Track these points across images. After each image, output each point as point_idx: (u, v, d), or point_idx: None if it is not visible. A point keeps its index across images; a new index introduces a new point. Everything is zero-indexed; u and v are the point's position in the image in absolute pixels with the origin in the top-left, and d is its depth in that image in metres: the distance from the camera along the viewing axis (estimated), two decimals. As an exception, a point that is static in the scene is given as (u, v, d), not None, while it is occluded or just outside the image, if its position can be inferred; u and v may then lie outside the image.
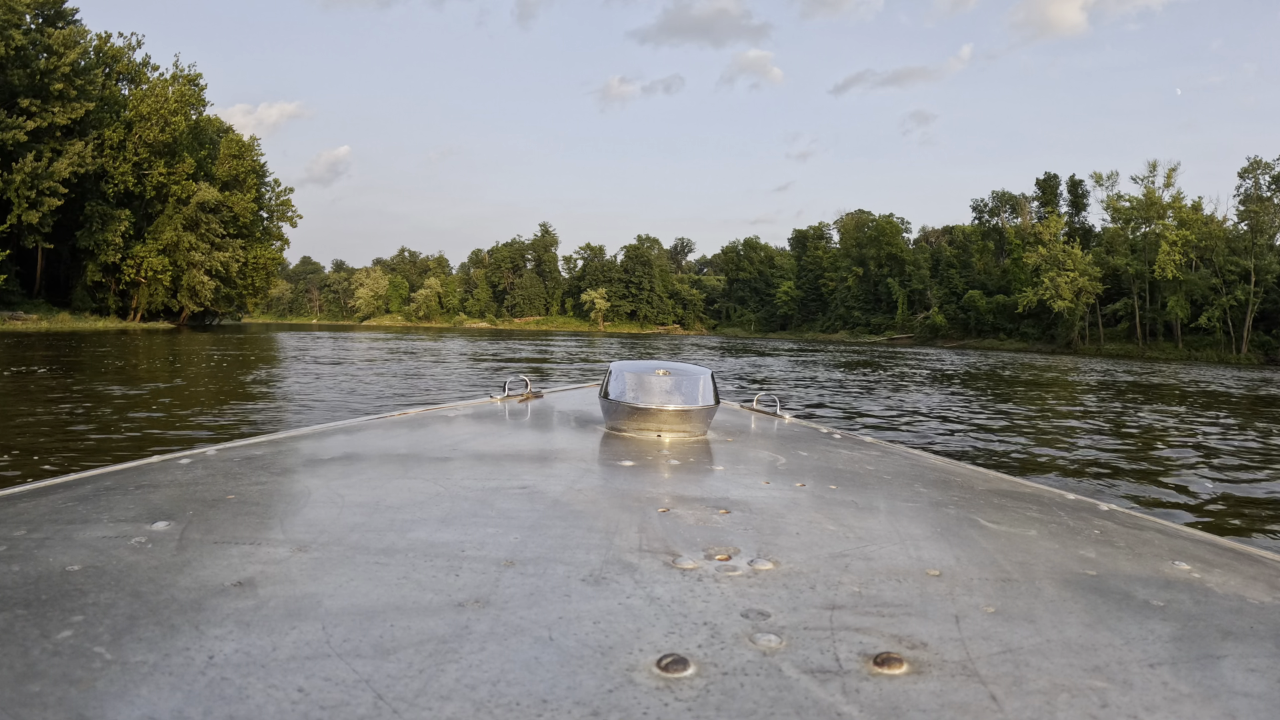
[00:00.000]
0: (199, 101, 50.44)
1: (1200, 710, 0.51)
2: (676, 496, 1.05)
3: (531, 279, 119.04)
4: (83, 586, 0.62)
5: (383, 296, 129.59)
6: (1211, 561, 0.88)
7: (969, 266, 77.53)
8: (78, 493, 0.93)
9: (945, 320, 74.24)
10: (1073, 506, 1.15)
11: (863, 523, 0.96)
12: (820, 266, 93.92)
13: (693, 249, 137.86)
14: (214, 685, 0.48)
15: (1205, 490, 4.75)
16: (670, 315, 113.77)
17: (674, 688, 0.51)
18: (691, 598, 0.67)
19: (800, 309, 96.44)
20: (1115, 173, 62.16)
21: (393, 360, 16.49)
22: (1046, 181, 75.11)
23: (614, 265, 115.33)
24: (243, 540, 0.76)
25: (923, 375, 17.23)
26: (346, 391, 9.17)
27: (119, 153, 44.81)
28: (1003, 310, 69.82)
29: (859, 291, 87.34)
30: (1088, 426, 8.19)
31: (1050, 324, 64.60)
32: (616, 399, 1.60)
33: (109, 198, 44.60)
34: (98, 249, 43.76)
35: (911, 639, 0.60)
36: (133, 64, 48.03)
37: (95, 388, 8.46)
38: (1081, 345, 60.62)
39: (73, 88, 41.58)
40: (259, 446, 1.30)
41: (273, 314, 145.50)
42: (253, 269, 53.61)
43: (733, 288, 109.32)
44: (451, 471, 1.14)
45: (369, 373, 12.52)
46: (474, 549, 0.77)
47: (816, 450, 1.56)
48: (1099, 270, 60.00)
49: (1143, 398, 12.91)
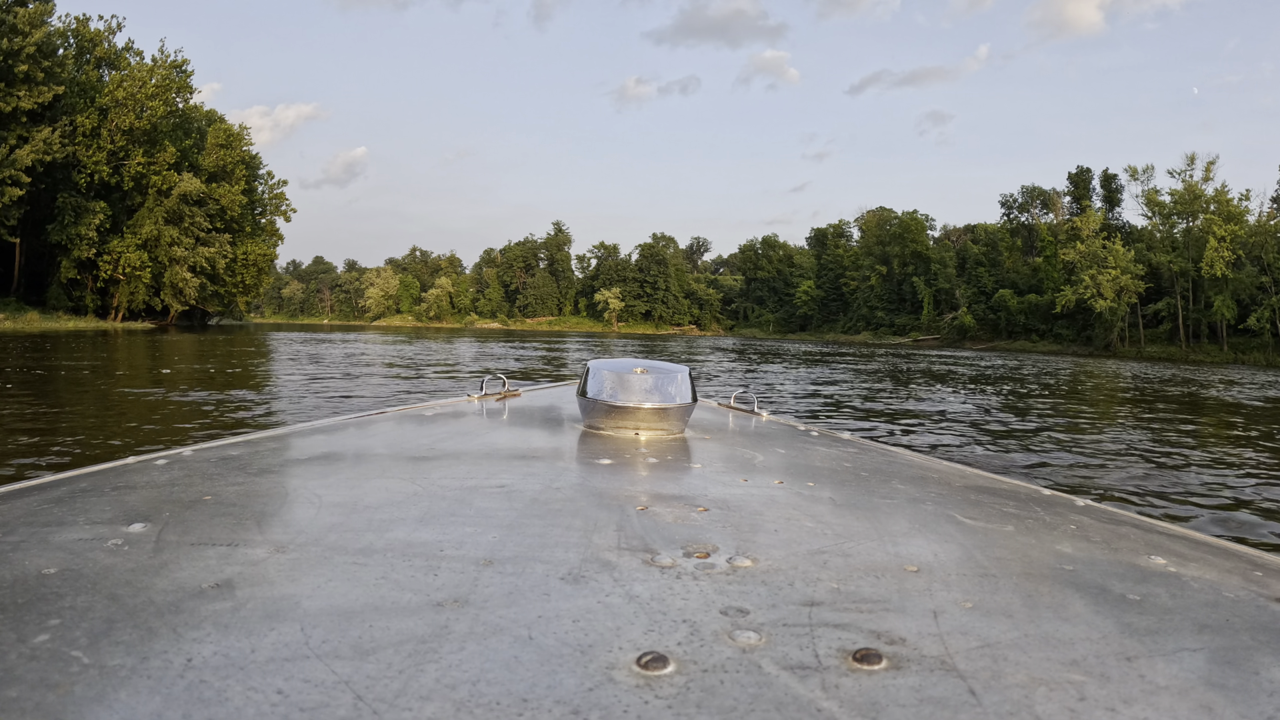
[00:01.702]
0: (185, 88, 47.36)
1: (1177, 702, 0.51)
2: (655, 494, 1.06)
3: (544, 278, 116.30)
4: (59, 590, 0.62)
5: (393, 296, 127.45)
6: (1187, 555, 0.89)
7: (998, 265, 73.96)
8: (52, 495, 0.93)
9: (974, 321, 70.75)
10: (1049, 502, 1.17)
11: (841, 519, 0.96)
12: (841, 265, 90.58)
13: (709, 248, 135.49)
14: (193, 688, 0.48)
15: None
16: (686, 316, 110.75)
17: (654, 685, 0.51)
18: (670, 595, 0.67)
19: (820, 309, 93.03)
20: (1150, 166, 59.19)
21: (379, 371, 13.56)
22: (1079, 176, 71.62)
23: (628, 264, 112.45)
24: (220, 542, 0.76)
25: (970, 380, 14.76)
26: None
27: (92, 140, 41.87)
28: (1035, 310, 66.31)
29: (882, 291, 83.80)
30: (1246, 463, 5.95)
31: (1085, 325, 61.09)
32: (594, 397, 1.58)
33: (81, 188, 41.70)
34: (70, 243, 40.93)
35: (890, 635, 0.60)
36: (112, 48, 45.02)
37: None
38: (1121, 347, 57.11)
39: (40, 70, 38.76)
40: (235, 447, 1.29)
41: (284, 314, 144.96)
42: (242, 266, 50.55)
43: (750, 287, 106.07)
44: (429, 471, 1.14)
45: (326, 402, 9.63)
46: (452, 548, 0.76)
47: (794, 447, 1.57)
48: (1142, 268, 56.56)
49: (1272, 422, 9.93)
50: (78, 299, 43.27)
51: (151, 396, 7.95)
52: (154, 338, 26.14)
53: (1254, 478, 5.23)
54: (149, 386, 9.04)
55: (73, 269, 41.94)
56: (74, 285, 43.28)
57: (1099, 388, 15.84)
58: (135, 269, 42.96)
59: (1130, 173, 60.21)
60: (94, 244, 41.48)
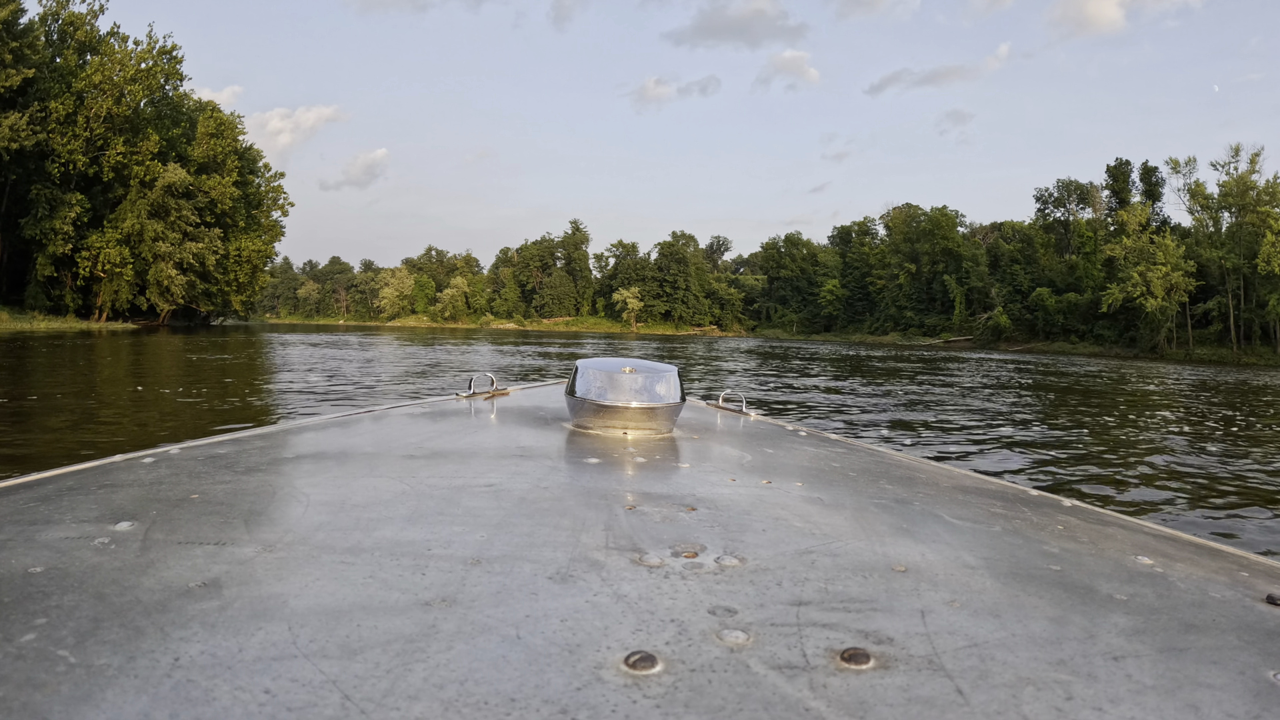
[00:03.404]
0: (174, 75, 44.71)
1: (1164, 702, 0.52)
2: (643, 494, 1.06)
3: (561, 278, 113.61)
4: (45, 588, 0.62)
5: (408, 297, 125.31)
6: (1174, 555, 0.89)
7: (1034, 262, 70.43)
8: (39, 493, 0.92)
9: (1009, 321, 67.28)
10: (1036, 502, 1.17)
11: (828, 519, 0.97)
12: (867, 263, 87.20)
13: (729, 248, 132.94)
14: (180, 688, 0.47)
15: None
16: (707, 316, 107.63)
17: (642, 685, 0.51)
18: (659, 595, 0.67)
19: (846, 309, 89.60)
20: (1192, 159, 56.26)
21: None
22: (1118, 169, 68.15)
23: (647, 263, 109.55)
24: (207, 540, 0.76)
25: (1058, 392, 11.71)
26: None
27: (67, 127, 39.06)
28: (1073, 310, 62.84)
29: (911, 290, 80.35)
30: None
31: (1128, 325, 57.62)
32: (583, 396, 1.58)
33: (55, 179, 38.98)
34: (45, 238, 38.32)
35: (878, 634, 0.60)
36: (94, 32, 42.15)
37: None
38: (1168, 349, 53.63)
39: (7, 51, 36.01)
40: (223, 445, 1.28)
41: (300, 314, 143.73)
42: (235, 263, 47.67)
43: (773, 286, 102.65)
44: (417, 470, 1.14)
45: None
46: (440, 548, 0.76)
47: (782, 447, 1.57)
48: (1192, 264, 53.10)
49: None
50: (57, 298, 40.79)
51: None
52: (131, 340, 24.01)
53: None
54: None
55: (49, 266, 39.40)
56: (53, 283, 40.82)
57: (1255, 407, 12.76)
58: (115, 266, 40.38)
59: (1171, 165, 57.82)
60: (70, 239, 38.96)
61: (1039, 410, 10.06)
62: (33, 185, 38.14)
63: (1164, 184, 64.54)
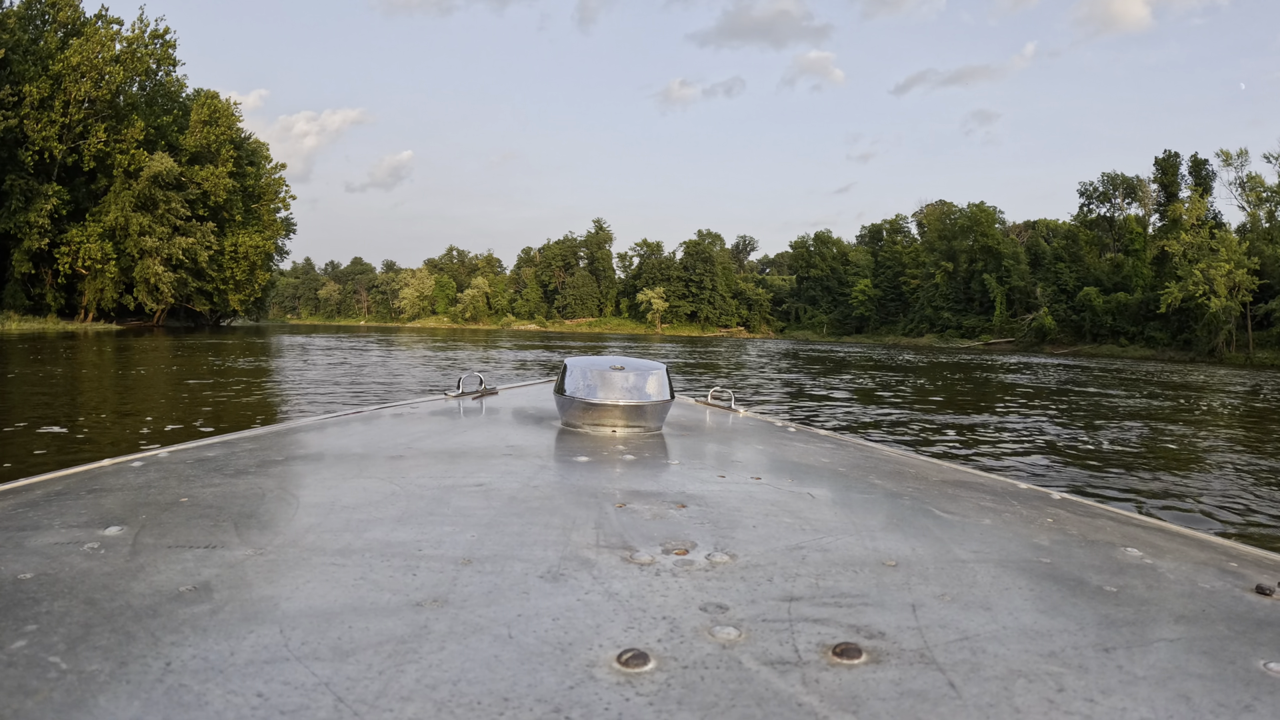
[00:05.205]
0: (166, 59, 41.95)
1: (1154, 692, 0.52)
2: (633, 492, 1.06)
3: (584, 278, 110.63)
4: (35, 595, 0.62)
5: (428, 297, 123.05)
6: (1163, 547, 0.90)
7: (1079, 260, 66.48)
8: (27, 498, 0.92)
9: (1054, 323, 63.46)
10: (1025, 495, 1.17)
11: (819, 515, 0.97)
12: (900, 262, 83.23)
13: (755, 248, 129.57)
14: (172, 692, 0.47)
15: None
16: (734, 317, 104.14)
17: (634, 682, 0.51)
18: (650, 592, 0.67)
19: (878, 309, 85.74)
20: (1244, 150, 52.40)
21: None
22: (1167, 160, 63.77)
23: (672, 262, 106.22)
24: (197, 544, 0.75)
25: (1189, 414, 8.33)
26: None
27: (42, 113, 36.34)
28: (1122, 311, 58.95)
29: (948, 290, 76.32)
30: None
31: (1182, 327, 53.64)
32: (572, 395, 1.58)
33: (29, 168, 36.37)
34: (20, 233, 35.78)
35: (869, 629, 0.60)
36: (78, 14, 39.38)
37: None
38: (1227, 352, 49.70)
39: (-28, 30, 33.46)
40: (212, 448, 1.28)
41: (321, 315, 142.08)
42: (231, 259, 44.90)
43: (802, 286, 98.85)
44: (406, 470, 1.14)
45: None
46: (431, 548, 0.76)
47: (771, 444, 1.57)
48: (1255, 261, 49.17)
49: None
50: (38, 297, 38.45)
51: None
52: (108, 343, 22.14)
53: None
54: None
55: (26, 262, 36.96)
56: (32, 281, 38.47)
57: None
58: (97, 262, 37.86)
59: (1223, 158, 53.73)
60: (47, 233, 36.48)
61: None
62: (6, 175, 35.78)
63: (1214, 177, 60.48)
